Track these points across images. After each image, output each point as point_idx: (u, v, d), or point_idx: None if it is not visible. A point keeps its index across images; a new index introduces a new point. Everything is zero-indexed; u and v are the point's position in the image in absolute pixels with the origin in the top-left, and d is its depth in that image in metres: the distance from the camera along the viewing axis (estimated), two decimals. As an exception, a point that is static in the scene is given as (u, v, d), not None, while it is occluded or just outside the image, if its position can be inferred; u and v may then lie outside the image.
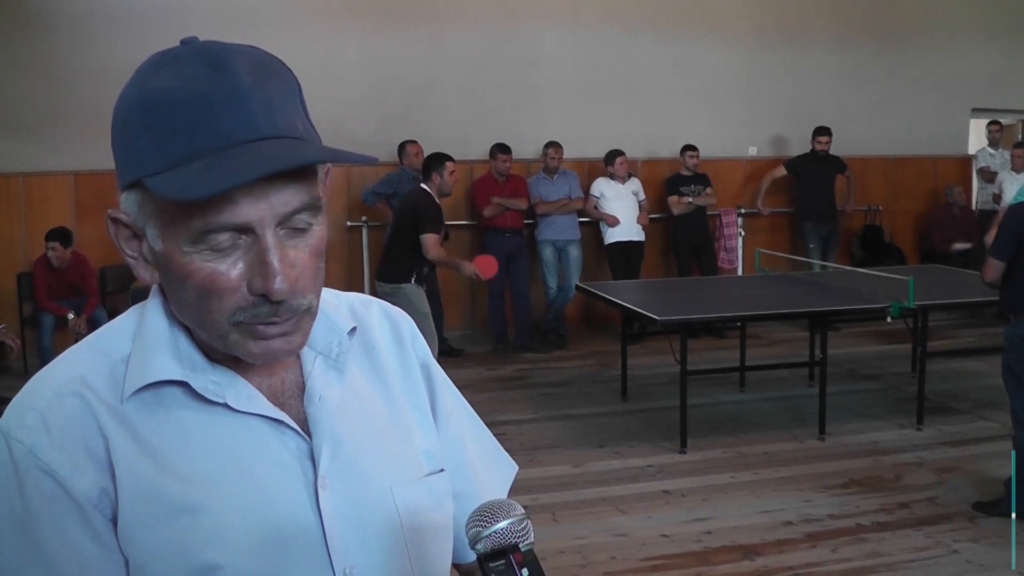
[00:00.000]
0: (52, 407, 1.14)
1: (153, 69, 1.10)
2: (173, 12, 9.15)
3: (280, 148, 1.07)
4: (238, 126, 1.06)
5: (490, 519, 1.13)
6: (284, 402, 1.23)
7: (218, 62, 1.07)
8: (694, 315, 7.06)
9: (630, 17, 10.90)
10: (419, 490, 1.31)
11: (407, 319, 1.46)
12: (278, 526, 1.16)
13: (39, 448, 1.11)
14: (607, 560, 4.90)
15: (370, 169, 9.80)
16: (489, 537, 1.12)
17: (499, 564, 1.11)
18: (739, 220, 11.03)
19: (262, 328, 1.12)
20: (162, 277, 1.15)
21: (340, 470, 1.22)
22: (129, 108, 1.09)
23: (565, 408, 7.72)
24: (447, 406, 1.43)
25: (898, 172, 11.93)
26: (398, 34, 10.25)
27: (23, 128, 9.41)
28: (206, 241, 1.08)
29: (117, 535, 1.13)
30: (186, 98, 1.05)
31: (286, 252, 1.10)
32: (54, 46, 9.39)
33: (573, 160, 10.37)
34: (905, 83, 11.90)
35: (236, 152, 1.04)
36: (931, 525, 5.29)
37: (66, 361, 1.20)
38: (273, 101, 1.09)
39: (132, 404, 1.15)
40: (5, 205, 9.49)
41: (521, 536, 1.13)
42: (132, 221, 1.15)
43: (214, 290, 1.10)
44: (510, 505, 1.15)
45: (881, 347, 9.67)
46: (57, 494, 1.11)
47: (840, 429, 6.93)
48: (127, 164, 1.11)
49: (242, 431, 1.18)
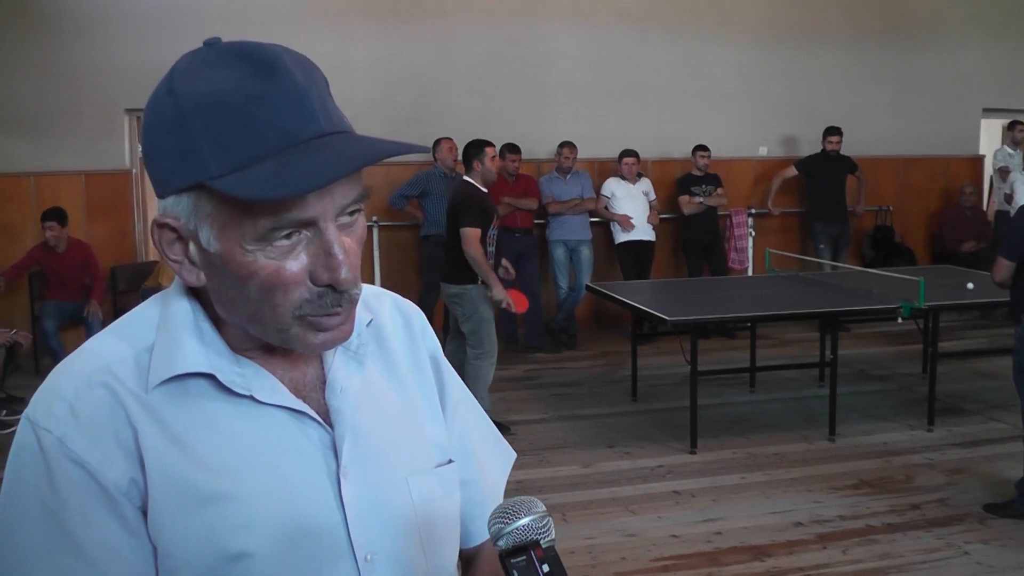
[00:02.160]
0: (81, 397, 1.15)
1: (192, 71, 1.10)
2: (185, 13, 9.19)
3: (349, 144, 1.10)
4: (301, 124, 1.08)
5: (512, 516, 1.15)
6: (306, 395, 1.25)
7: (268, 62, 1.09)
8: (704, 315, 7.04)
9: (641, 17, 10.90)
10: (431, 480, 1.34)
11: (418, 312, 1.49)
12: (303, 515, 1.19)
13: (68, 437, 1.13)
14: (617, 560, 4.90)
15: (379, 169, 9.82)
16: (511, 533, 1.14)
17: (520, 560, 1.13)
18: (749, 220, 11.01)
19: (325, 320, 1.15)
20: (213, 277, 1.16)
21: (360, 461, 1.25)
22: (180, 111, 1.08)
23: (575, 408, 7.72)
24: (455, 397, 1.47)
25: (909, 172, 11.90)
26: (409, 35, 10.27)
27: (34, 128, 9.45)
28: (270, 238, 1.09)
29: (147, 524, 1.15)
30: (246, 98, 1.06)
31: (343, 242, 1.13)
32: (65, 46, 9.42)
33: (584, 160, 10.36)
34: (916, 83, 11.87)
35: (304, 150, 1.06)
36: (942, 527, 5.28)
37: (91, 351, 1.21)
38: (323, 96, 1.13)
39: (158, 394, 1.17)
40: (16, 205, 9.52)
41: (542, 533, 1.15)
42: (182, 224, 1.14)
43: (280, 285, 1.11)
44: (531, 502, 1.17)
45: (892, 348, 9.64)
46: (86, 483, 1.12)
47: (851, 430, 6.92)
48: (182, 168, 1.09)
49: (267, 423, 1.21)
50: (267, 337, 1.17)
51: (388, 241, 10.18)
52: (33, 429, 1.14)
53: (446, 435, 1.42)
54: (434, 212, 9.39)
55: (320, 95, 1.12)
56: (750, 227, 10.98)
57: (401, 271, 10.27)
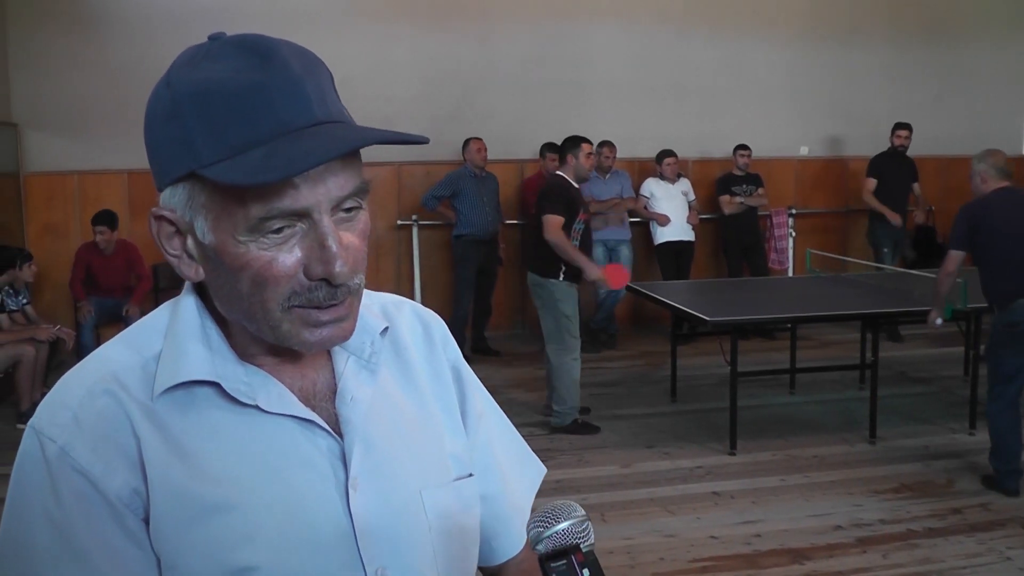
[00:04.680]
0: (85, 406, 1.14)
1: (191, 63, 1.10)
2: (228, 13, 9.28)
3: (341, 131, 1.08)
4: (295, 113, 1.06)
5: (552, 520, 1.14)
6: (316, 404, 1.23)
7: (265, 52, 1.08)
8: (744, 316, 7.01)
9: (682, 16, 10.88)
10: (447, 494, 1.31)
11: (438, 321, 1.45)
12: (310, 527, 1.17)
13: (71, 447, 1.12)
14: (655, 561, 4.90)
15: (421, 168, 9.89)
16: (551, 538, 1.14)
17: (560, 564, 1.12)
18: (790, 220, 10.94)
19: (316, 314, 1.13)
20: (210, 271, 1.15)
21: (370, 471, 1.22)
22: (176, 101, 1.08)
23: (614, 408, 7.72)
24: (477, 409, 1.43)
25: (952, 172, 11.74)
26: (449, 34, 10.30)
27: (77, 127, 9.59)
28: (262, 229, 1.08)
29: (149, 535, 1.14)
30: (241, 87, 1.05)
31: (341, 236, 1.11)
32: (109, 46, 9.55)
33: (624, 160, 10.35)
34: (959, 82, 11.77)
35: (296, 137, 1.05)
36: (984, 532, 5.24)
37: (98, 358, 1.21)
38: (321, 87, 1.11)
39: (163, 402, 1.16)
40: (60, 203, 9.64)
41: (582, 537, 1.15)
42: (178, 216, 1.13)
43: (271, 277, 1.10)
44: (571, 507, 1.16)
45: (933, 350, 9.56)
46: (89, 493, 1.12)
47: (891, 433, 6.88)
48: (176, 157, 1.09)
49: (273, 432, 1.18)
50: (263, 335, 1.15)
51: (427, 241, 10.20)
52: (37, 438, 1.14)
53: (467, 448, 1.38)
54: (466, 212, 9.41)
55: (318, 85, 1.10)
56: (791, 227, 10.91)
57: (440, 270, 10.30)
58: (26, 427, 1.16)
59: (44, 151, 9.58)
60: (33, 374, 7.48)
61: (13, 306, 7.85)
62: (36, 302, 8.51)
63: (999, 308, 5.84)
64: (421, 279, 10.06)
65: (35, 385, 7.48)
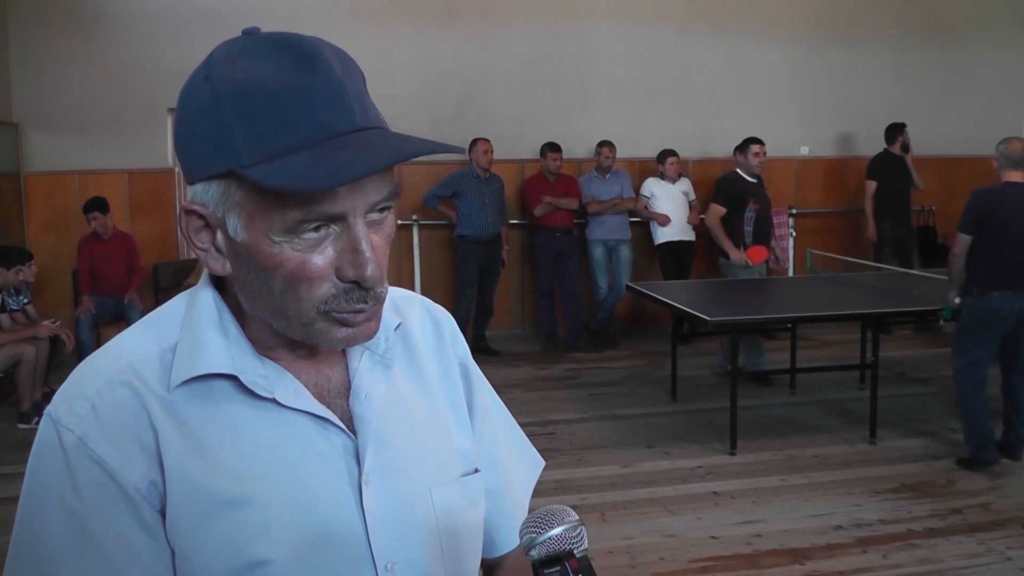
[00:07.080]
0: (103, 397, 1.15)
1: (229, 58, 1.10)
2: (228, 14, 9.28)
3: (382, 140, 1.08)
4: (337, 117, 1.07)
5: (545, 525, 1.13)
6: (330, 401, 1.24)
7: (306, 53, 1.08)
8: (745, 316, 7.01)
9: (683, 16, 10.89)
10: (455, 490, 1.33)
11: (448, 317, 1.47)
12: (323, 522, 1.18)
13: (90, 438, 1.12)
14: (656, 561, 4.90)
15: (421, 168, 9.87)
16: (544, 543, 1.12)
17: (554, 571, 1.11)
18: (790, 220, 10.93)
19: (350, 316, 1.14)
20: (239, 267, 1.15)
21: (383, 468, 1.23)
22: (215, 98, 1.07)
23: (614, 408, 7.72)
24: (483, 405, 1.45)
25: (952, 172, 11.76)
26: (451, 33, 10.31)
27: (77, 127, 9.61)
28: (298, 230, 1.08)
29: (165, 527, 1.14)
30: (283, 88, 1.05)
31: (372, 239, 1.12)
32: (110, 47, 9.57)
33: (624, 160, 10.35)
34: (960, 82, 11.76)
35: (339, 144, 1.05)
36: (984, 532, 5.24)
37: (116, 348, 1.21)
38: (360, 91, 1.12)
39: (180, 394, 1.16)
40: (61, 203, 9.66)
41: (576, 542, 1.13)
42: (210, 212, 1.13)
43: (304, 278, 1.10)
44: (564, 511, 1.15)
45: (934, 350, 9.56)
46: (106, 484, 1.12)
47: (891, 433, 6.88)
48: (213, 154, 1.08)
49: (289, 427, 1.19)
50: (290, 331, 1.16)
51: (428, 240, 10.21)
52: (55, 427, 1.14)
53: (473, 444, 1.40)
54: (467, 212, 9.42)
55: (357, 89, 1.11)
56: (791, 227, 10.91)
57: (441, 270, 10.31)
58: (43, 416, 1.17)
59: (44, 151, 9.59)
60: (34, 374, 7.48)
61: (14, 306, 7.84)
62: (37, 302, 8.50)
63: (978, 293, 6.08)
64: (421, 278, 10.07)
65: (36, 385, 7.48)
